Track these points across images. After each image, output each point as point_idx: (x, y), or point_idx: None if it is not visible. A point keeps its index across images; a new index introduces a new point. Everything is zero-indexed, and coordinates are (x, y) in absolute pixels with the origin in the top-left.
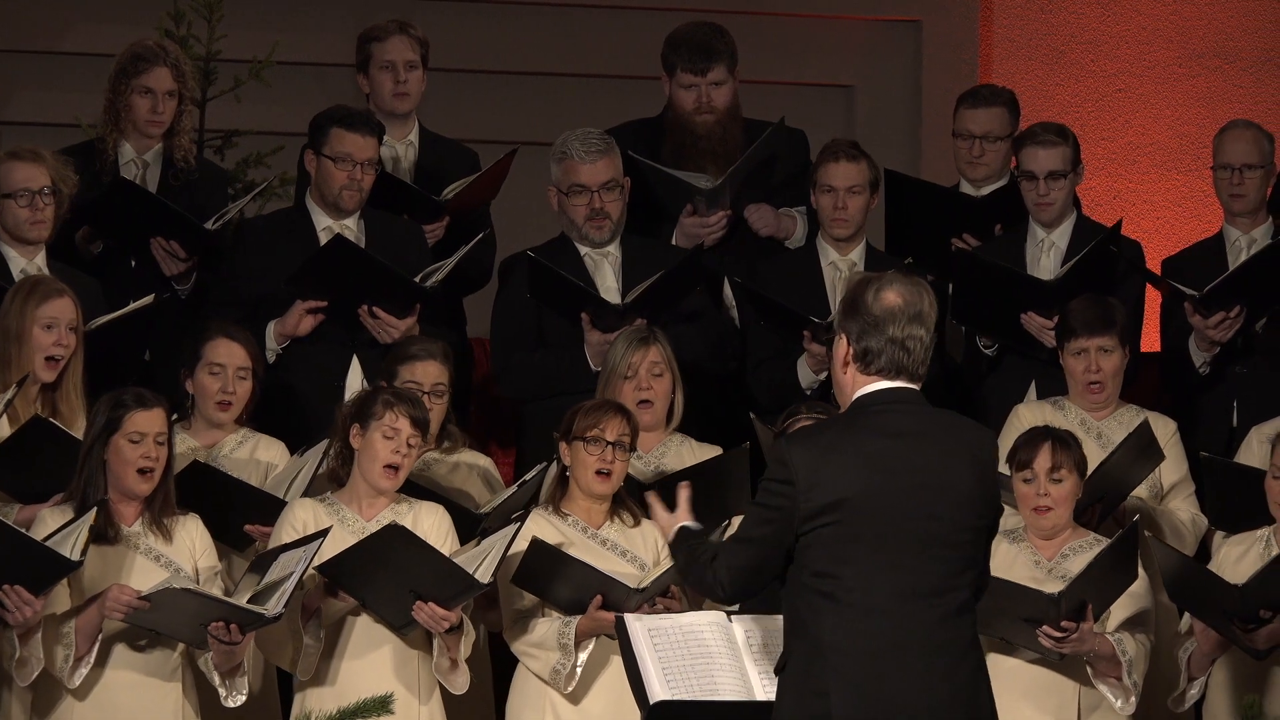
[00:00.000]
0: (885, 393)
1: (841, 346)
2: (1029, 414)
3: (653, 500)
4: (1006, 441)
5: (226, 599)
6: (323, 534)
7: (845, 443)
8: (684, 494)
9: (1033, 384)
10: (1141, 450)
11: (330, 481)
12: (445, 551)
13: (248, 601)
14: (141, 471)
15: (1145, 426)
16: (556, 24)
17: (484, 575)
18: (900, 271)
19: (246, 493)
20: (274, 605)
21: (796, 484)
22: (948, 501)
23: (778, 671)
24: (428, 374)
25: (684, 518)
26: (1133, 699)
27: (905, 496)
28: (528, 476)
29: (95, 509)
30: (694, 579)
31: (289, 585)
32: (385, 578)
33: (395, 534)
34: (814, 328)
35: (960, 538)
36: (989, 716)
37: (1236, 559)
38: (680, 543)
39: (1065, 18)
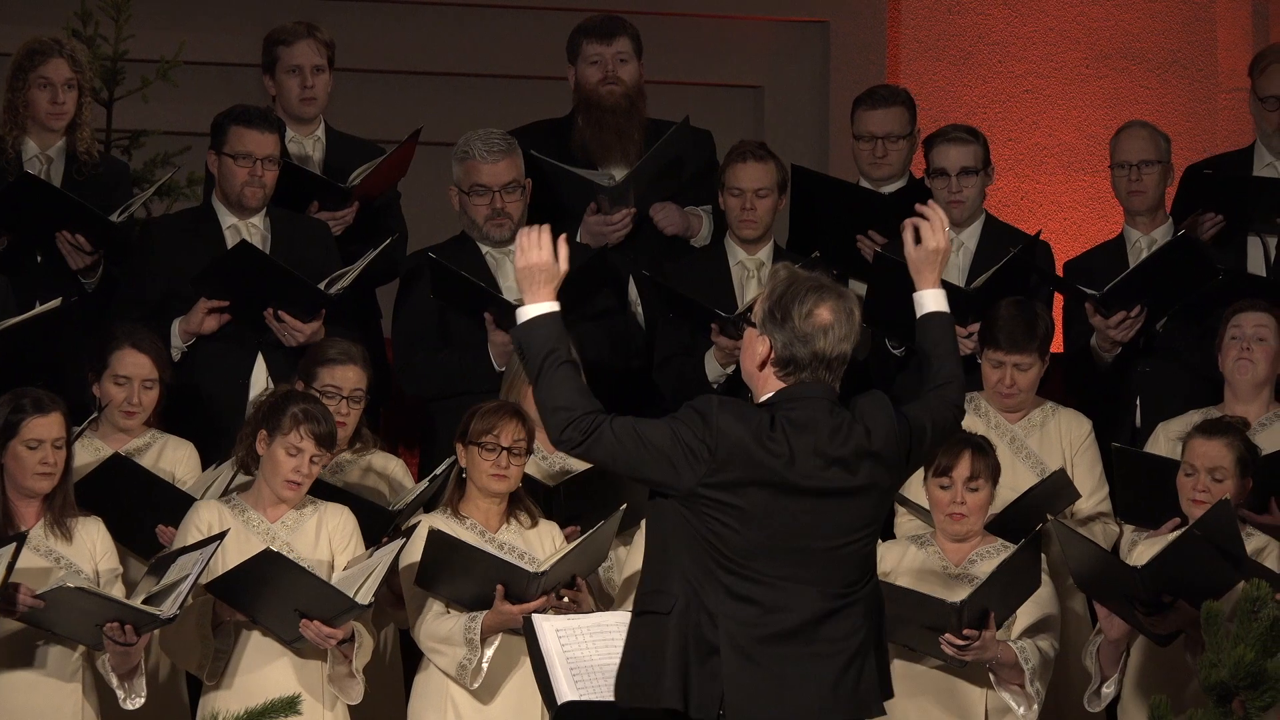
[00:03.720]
0: (800, 387)
1: (762, 346)
2: None
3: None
4: None
5: (121, 599)
6: (219, 537)
7: (764, 435)
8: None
9: None
10: (1056, 493)
11: (240, 469)
12: (349, 554)
13: (143, 602)
14: (38, 475)
15: (1061, 475)
16: (462, 24)
17: (365, 596)
18: (829, 280)
19: (164, 491)
20: (169, 607)
21: (715, 455)
22: (851, 502)
23: (651, 611)
24: (347, 379)
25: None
26: (1035, 706)
27: (810, 498)
28: (437, 471)
29: (15, 544)
30: (548, 385)
31: (184, 587)
32: (269, 598)
33: (270, 560)
34: (721, 321)
35: (860, 535)
36: (874, 704)
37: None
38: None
39: (972, 19)
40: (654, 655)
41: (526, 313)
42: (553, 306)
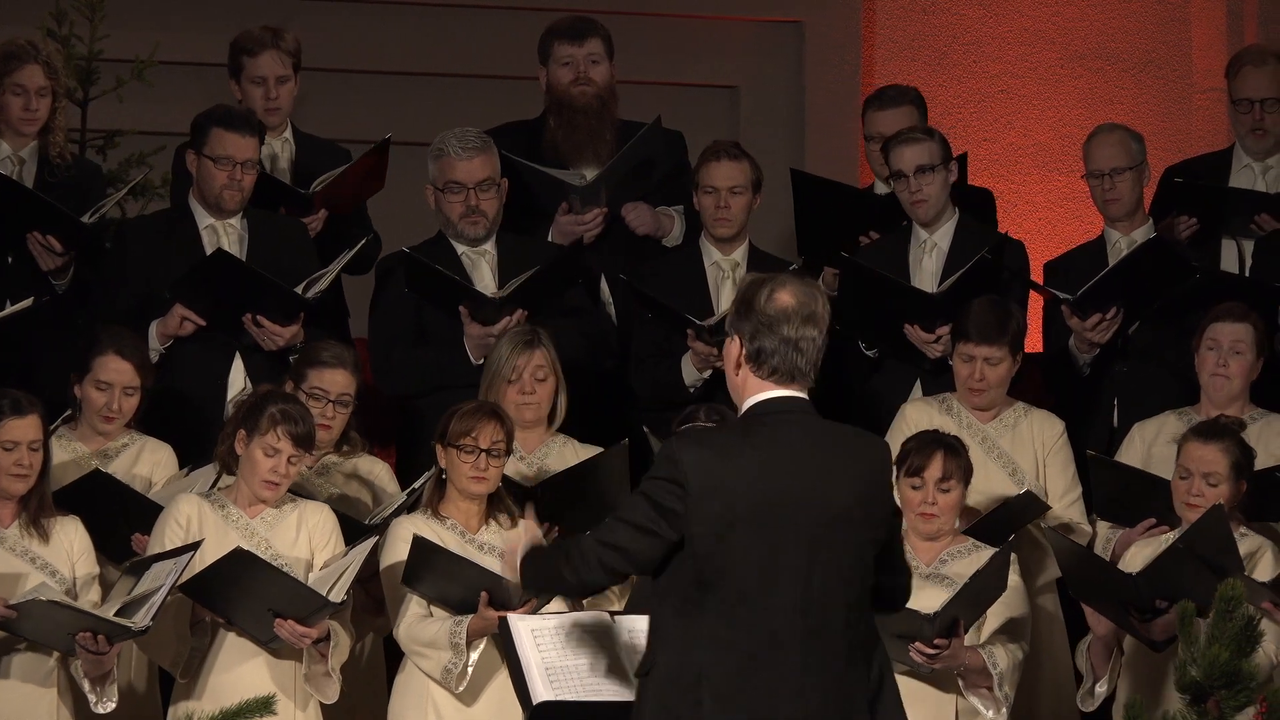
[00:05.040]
0: (777, 401)
1: (734, 348)
2: (916, 414)
3: (529, 514)
4: (894, 441)
5: (93, 612)
6: (194, 547)
7: (734, 452)
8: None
9: (918, 383)
10: (1024, 510)
11: (220, 467)
12: (329, 552)
13: (115, 614)
14: (13, 476)
15: (1029, 495)
16: (432, 24)
17: (337, 594)
18: (793, 272)
19: (142, 505)
20: (141, 618)
21: (687, 488)
22: (835, 519)
23: (642, 674)
24: (336, 382)
25: (535, 536)
26: (1004, 710)
27: (792, 512)
28: (415, 485)
29: None
30: (553, 583)
31: (157, 598)
32: (242, 598)
33: (240, 559)
34: (696, 328)
35: (846, 555)
36: None
37: (1144, 562)
38: (532, 558)
39: (947, 19)
40: (636, 714)
41: (518, 567)
42: (529, 543)
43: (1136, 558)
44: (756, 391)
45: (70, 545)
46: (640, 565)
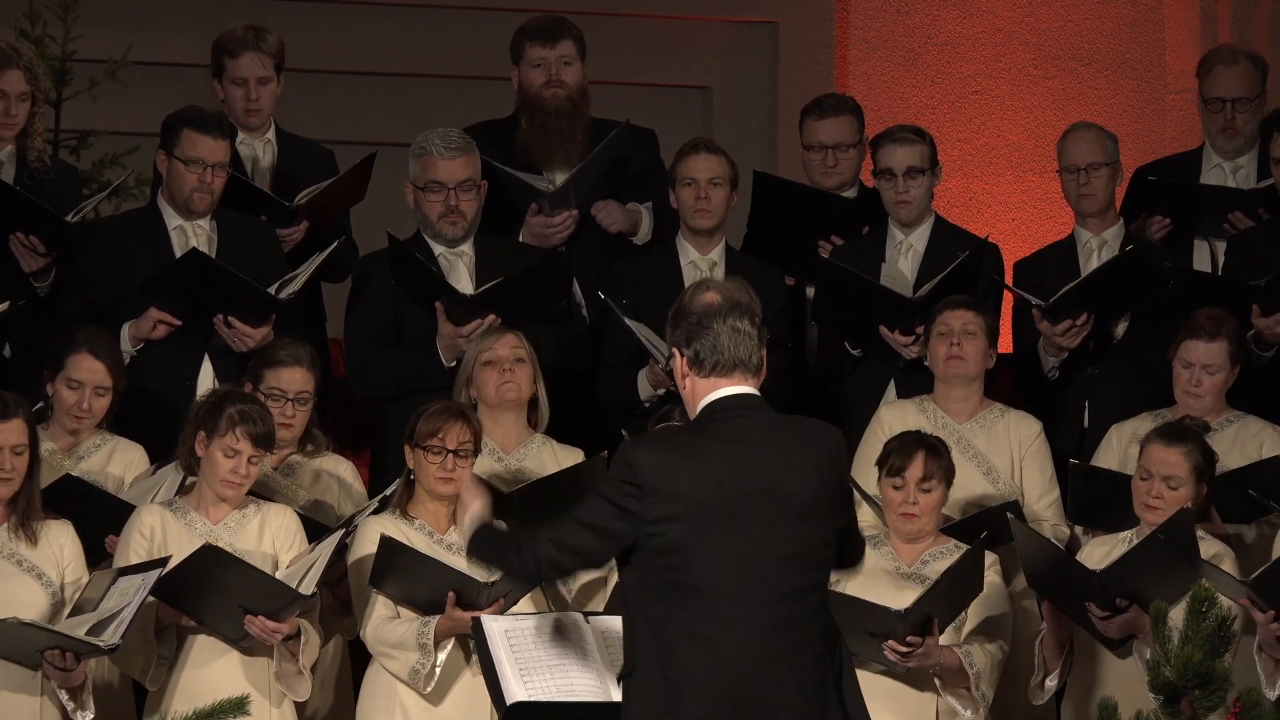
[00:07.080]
0: (729, 399)
1: (676, 361)
2: (892, 416)
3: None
4: (870, 444)
5: (65, 633)
6: (160, 564)
7: (691, 449)
8: (481, 499)
9: (891, 383)
10: (996, 523)
11: (182, 468)
12: (293, 553)
13: (86, 633)
14: None
15: (1002, 512)
16: (410, 25)
17: (307, 587)
18: (715, 276)
19: (116, 505)
20: (110, 636)
21: (643, 488)
22: (795, 509)
23: (624, 677)
24: (293, 381)
25: (485, 514)
26: (981, 710)
27: (752, 504)
28: (386, 492)
29: None
30: (498, 561)
31: (126, 615)
32: (212, 596)
33: (210, 555)
34: (659, 360)
35: (808, 544)
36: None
37: (1099, 560)
38: (483, 532)
39: (921, 20)
40: (625, 716)
41: (467, 531)
42: (483, 516)
43: (1092, 556)
44: (706, 394)
45: (60, 549)
46: (593, 564)
